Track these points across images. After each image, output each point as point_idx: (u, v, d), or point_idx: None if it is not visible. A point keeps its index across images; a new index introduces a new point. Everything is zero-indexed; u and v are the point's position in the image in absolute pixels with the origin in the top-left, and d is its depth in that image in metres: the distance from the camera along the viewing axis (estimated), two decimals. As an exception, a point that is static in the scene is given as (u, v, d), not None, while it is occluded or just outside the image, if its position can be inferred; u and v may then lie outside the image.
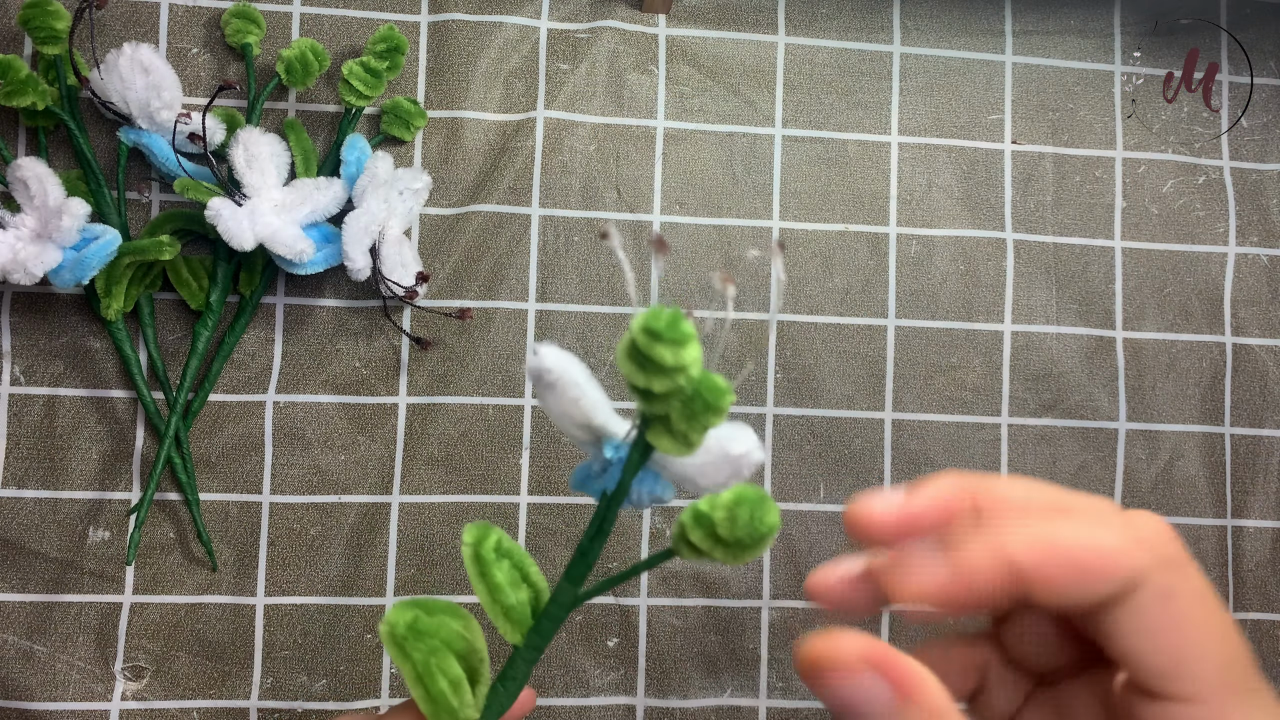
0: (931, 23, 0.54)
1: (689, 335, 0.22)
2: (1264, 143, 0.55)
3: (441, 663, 0.27)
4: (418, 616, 0.26)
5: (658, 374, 0.21)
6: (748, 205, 0.52)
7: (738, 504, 0.22)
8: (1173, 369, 0.53)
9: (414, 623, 0.26)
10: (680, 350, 0.22)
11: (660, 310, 0.21)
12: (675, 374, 0.22)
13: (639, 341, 0.21)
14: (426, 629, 0.27)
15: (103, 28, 0.48)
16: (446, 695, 0.26)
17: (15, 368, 0.47)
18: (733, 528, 0.22)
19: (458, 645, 0.27)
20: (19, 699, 0.45)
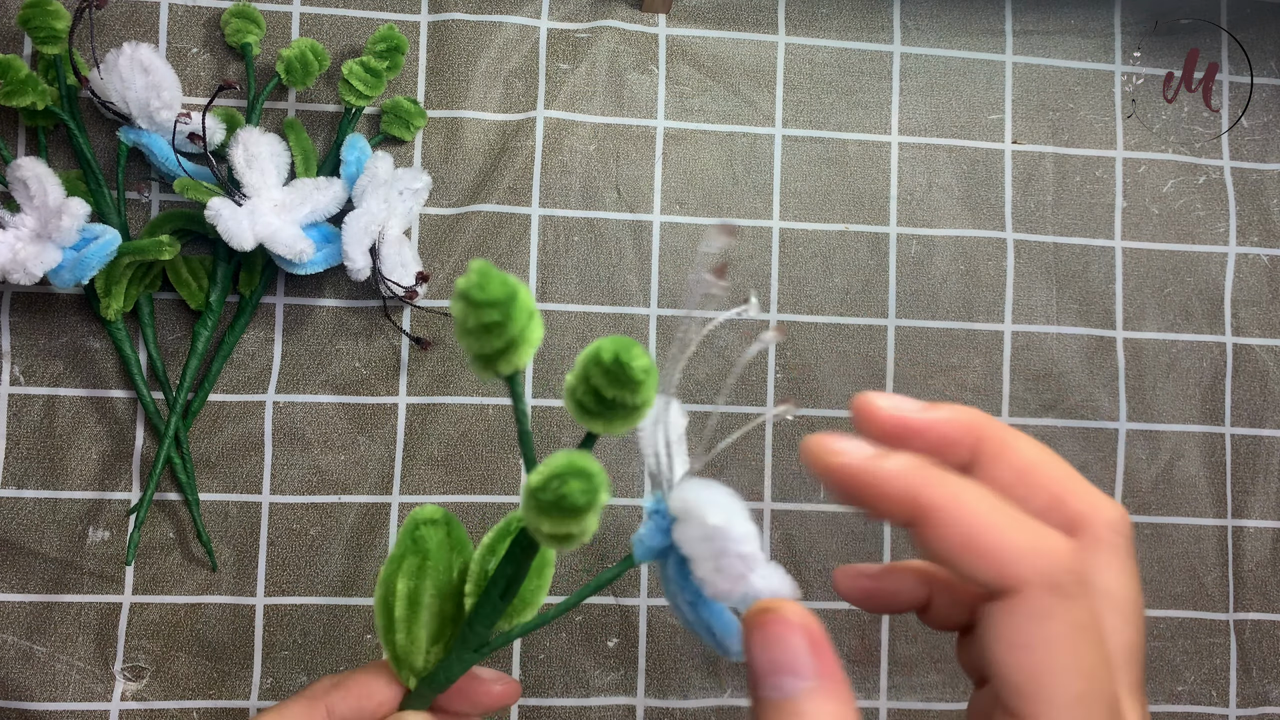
0: (932, 22, 0.54)
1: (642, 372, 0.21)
2: (1264, 142, 0.55)
3: (415, 586, 0.27)
4: (440, 529, 0.27)
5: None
6: (748, 205, 0.52)
7: (551, 473, 0.20)
8: (1173, 369, 0.53)
9: (427, 534, 0.27)
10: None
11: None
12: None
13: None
14: (432, 549, 0.27)
15: (102, 27, 0.48)
16: (401, 621, 0.27)
17: (15, 368, 0.47)
18: (545, 493, 0.20)
19: (444, 584, 0.27)
20: (18, 699, 0.45)
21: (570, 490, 0.20)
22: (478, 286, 0.20)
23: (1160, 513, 0.52)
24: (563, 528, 0.21)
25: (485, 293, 0.20)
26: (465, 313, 0.20)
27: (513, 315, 0.20)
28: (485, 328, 0.20)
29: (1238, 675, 0.52)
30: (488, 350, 0.21)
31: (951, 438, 0.24)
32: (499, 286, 0.20)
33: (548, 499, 0.20)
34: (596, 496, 0.20)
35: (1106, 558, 0.24)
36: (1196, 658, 0.52)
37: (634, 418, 0.22)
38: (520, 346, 0.21)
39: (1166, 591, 0.52)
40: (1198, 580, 0.52)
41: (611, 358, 0.21)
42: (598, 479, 0.20)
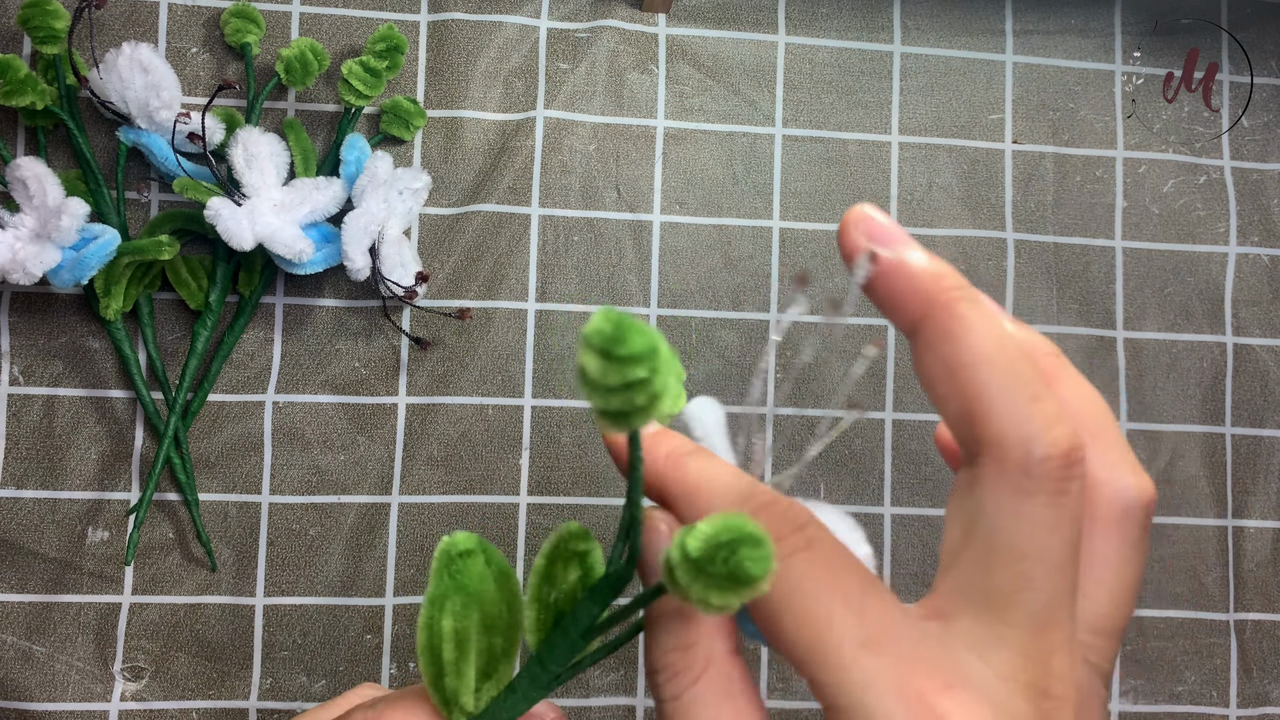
0: (932, 22, 0.54)
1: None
2: (1265, 142, 0.55)
3: (462, 626, 0.25)
4: (478, 560, 0.25)
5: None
6: (748, 205, 0.51)
7: (717, 542, 0.19)
8: (1173, 369, 0.53)
9: (466, 567, 0.25)
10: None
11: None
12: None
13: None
14: (473, 584, 0.25)
15: (102, 27, 0.48)
16: (450, 665, 0.25)
17: (14, 368, 0.47)
18: (710, 564, 0.19)
19: (492, 616, 0.25)
20: (18, 699, 0.45)
21: (742, 560, 0.18)
22: (616, 340, 0.18)
23: (1160, 513, 0.52)
24: (733, 599, 0.19)
25: (627, 347, 0.18)
26: (604, 370, 0.18)
27: (658, 369, 0.18)
28: (629, 385, 0.18)
29: (1238, 675, 0.52)
30: (629, 408, 0.19)
31: (897, 301, 0.22)
32: (640, 339, 0.18)
33: (718, 571, 0.18)
34: (770, 564, 0.18)
35: (1117, 528, 0.22)
36: (1197, 658, 0.52)
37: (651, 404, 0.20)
38: (663, 399, 0.19)
39: (1167, 591, 0.52)
40: (1198, 580, 0.52)
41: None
42: (768, 545, 0.18)
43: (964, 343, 0.20)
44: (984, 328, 0.20)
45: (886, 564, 0.50)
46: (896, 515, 0.51)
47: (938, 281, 0.21)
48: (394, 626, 0.48)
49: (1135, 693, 0.51)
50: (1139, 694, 0.51)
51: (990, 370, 0.20)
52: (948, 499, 0.21)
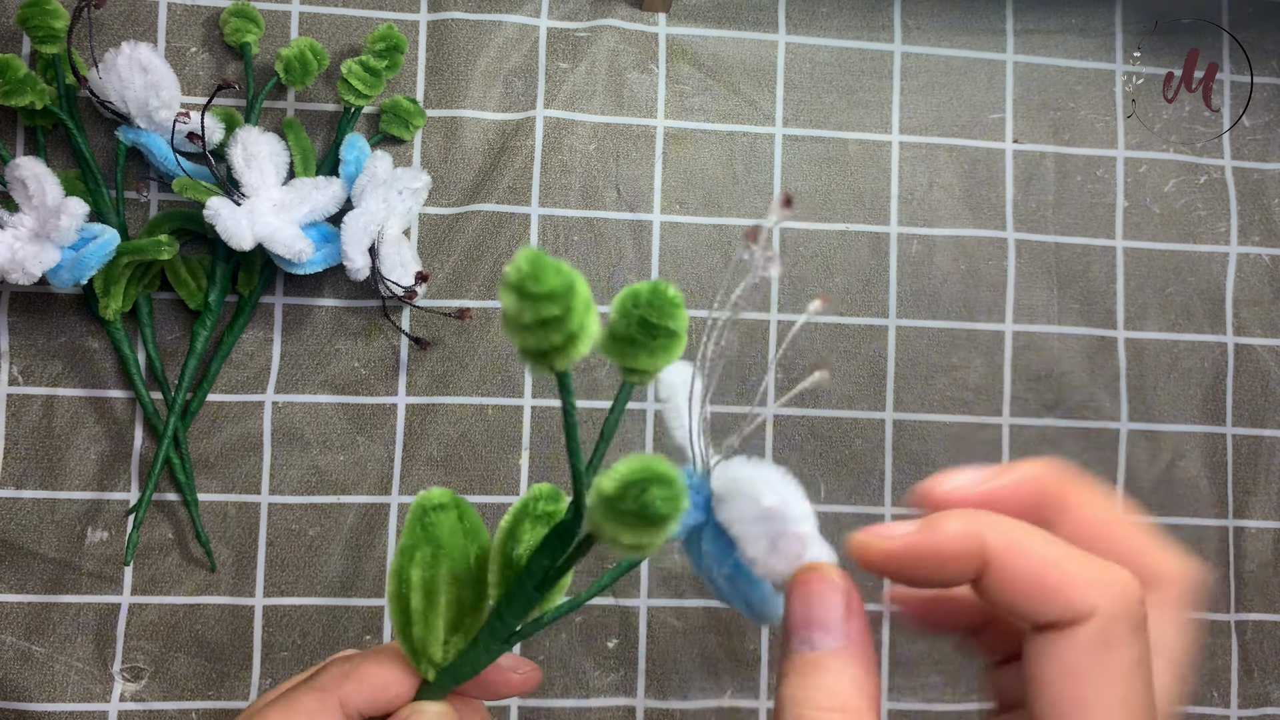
0: (932, 22, 0.53)
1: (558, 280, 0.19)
2: (1265, 142, 0.55)
3: (430, 576, 0.25)
4: (450, 514, 0.25)
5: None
6: (748, 204, 0.51)
7: (628, 481, 0.19)
8: (1174, 369, 0.53)
9: (437, 520, 0.25)
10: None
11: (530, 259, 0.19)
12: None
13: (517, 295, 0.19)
14: (444, 536, 0.25)
15: (101, 27, 0.48)
16: (418, 614, 0.25)
17: (13, 368, 0.47)
18: (621, 501, 0.19)
19: (461, 570, 0.26)
20: (17, 700, 0.45)
21: (651, 499, 0.18)
22: (532, 278, 0.18)
23: (1161, 513, 0.52)
24: (644, 538, 0.19)
25: (541, 284, 0.18)
26: (520, 307, 0.19)
27: (573, 307, 0.19)
28: (543, 323, 0.19)
29: (1239, 676, 0.52)
30: (545, 346, 0.19)
31: (1014, 509, 0.23)
32: (555, 277, 0.18)
33: (628, 508, 0.19)
34: (679, 504, 0.19)
35: (1171, 612, 0.24)
36: (1197, 659, 0.52)
37: (675, 346, 0.21)
38: (580, 340, 0.20)
39: (1168, 592, 0.52)
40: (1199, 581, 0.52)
41: (649, 289, 0.21)
42: (678, 485, 0.19)
43: (1010, 572, 0.22)
44: (1033, 548, 0.22)
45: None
46: (897, 516, 0.51)
47: (964, 543, 0.22)
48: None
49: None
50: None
51: (1031, 561, 0.22)
52: (1024, 665, 0.22)
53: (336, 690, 0.27)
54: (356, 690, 0.27)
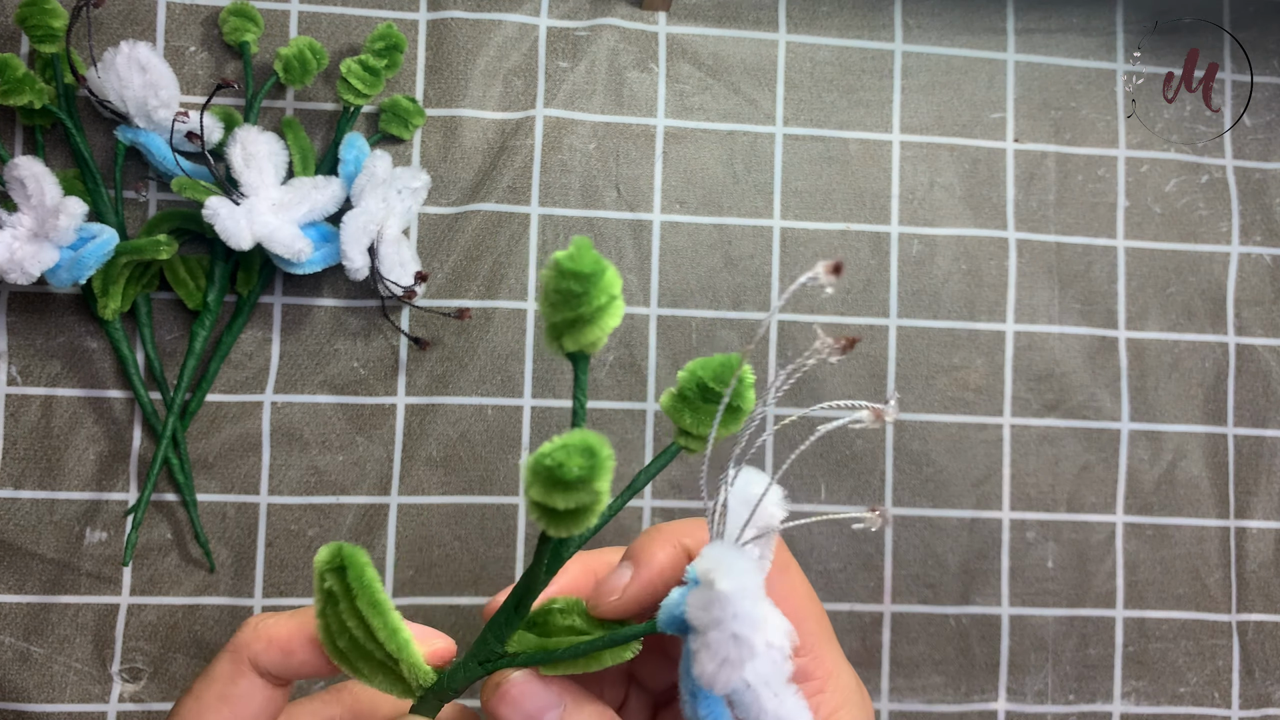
0: (933, 21, 0.53)
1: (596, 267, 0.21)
2: (1267, 142, 0.55)
3: (351, 642, 0.26)
4: (345, 567, 0.26)
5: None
6: (748, 204, 0.51)
7: (559, 444, 0.20)
8: (1176, 369, 0.53)
9: (335, 580, 0.26)
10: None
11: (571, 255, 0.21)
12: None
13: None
14: (348, 585, 0.26)
15: (100, 26, 0.48)
16: (369, 665, 0.26)
17: (12, 368, 0.47)
18: (544, 458, 0.19)
19: (362, 606, 0.26)
20: (15, 700, 0.45)
21: (568, 461, 0.19)
22: (570, 256, 0.20)
23: (1163, 513, 0.52)
24: (549, 498, 0.20)
25: (574, 263, 0.20)
26: (549, 278, 0.21)
27: (591, 290, 0.21)
28: (561, 294, 0.21)
29: (1240, 677, 0.52)
30: (556, 318, 0.21)
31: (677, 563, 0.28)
32: (590, 261, 0.20)
33: (543, 465, 0.19)
34: (593, 474, 0.19)
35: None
36: (1199, 659, 0.52)
37: (731, 422, 0.23)
38: (590, 323, 0.21)
39: (1169, 593, 0.52)
40: (1200, 581, 0.52)
41: (719, 361, 0.23)
42: (601, 458, 0.19)
43: None
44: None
45: (887, 564, 0.50)
46: (897, 515, 0.51)
47: (674, 555, 0.29)
48: (393, 627, 0.48)
49: (1137, 694, 0.51)
50: (1141, 695, 0.51)
51: None
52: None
53: (246, 650, 0.27)
54: (265, 650, 0.27)
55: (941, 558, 0.51)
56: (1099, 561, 0.52)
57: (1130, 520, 0.52)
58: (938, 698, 0.50)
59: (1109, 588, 0.52)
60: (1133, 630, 0.52)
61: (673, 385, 0.25)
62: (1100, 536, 0.52)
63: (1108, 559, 0.52)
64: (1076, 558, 0.51)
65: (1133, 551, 0.52)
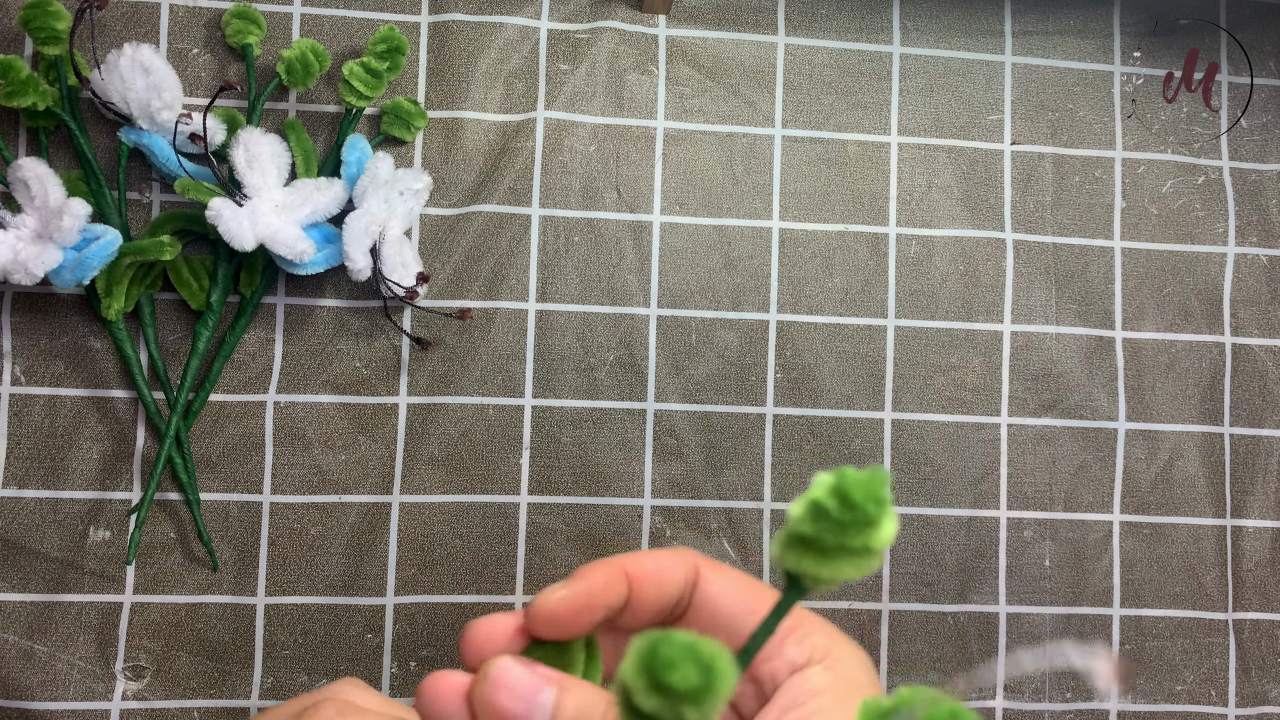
0: (931, 23, 0.54)
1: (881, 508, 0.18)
2: (1264, 143, 0.55)
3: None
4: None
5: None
6: (748, 205, 0.52)
7: (839, 486, 0.17)
8: (1172, 369, 0.53)
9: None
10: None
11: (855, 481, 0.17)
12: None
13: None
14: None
15: (103, 28, 0.48)
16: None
17: (16, 368, 0.47)
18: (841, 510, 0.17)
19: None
20: (19, 699, 0.45)
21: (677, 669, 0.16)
22: (865, 483, 0.17)
23: (1159, 513, 0.53)
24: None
25: (685, 681, 0.15)
26: (829, 503, 0.17)
27: (871, 535, 0.18)
28: (838, 524, 0.18)
29: (1237, 675, 0.52)
30: (818, 543, 0.18)
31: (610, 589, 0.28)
32: (882, 513, 0.17)
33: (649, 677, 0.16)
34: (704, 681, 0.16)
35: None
36: (1195, 657, 0.52)
37: (867, 562, 0.19)
38: (845, 560, 0.18)
39: (1165, 591, 0.52)
40: (1197, 580, 0.52)
41: (862, 488, 0.18)
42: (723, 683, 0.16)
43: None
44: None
45: (886, 563, 0.51)
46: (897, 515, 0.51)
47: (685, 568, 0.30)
48: (395, 626, 0.48)
49: (1134, 692, 0.51)
50: (1138, 693, 0.52)
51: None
52: None
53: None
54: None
55: (939, 556, 0.51)
56: (1096, 560, 0.52)
57: (1127, 519, 0.52)
58: (936, 695, 0.50)
59: (1106, 586, 0.52)
60: (1130, 628, 0.52)
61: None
62: (1097, 535, 0.52)
63: (1105, 558, 0.52)
64: (1073, 556, 0.52)
65: (1129, 550, 0.52)
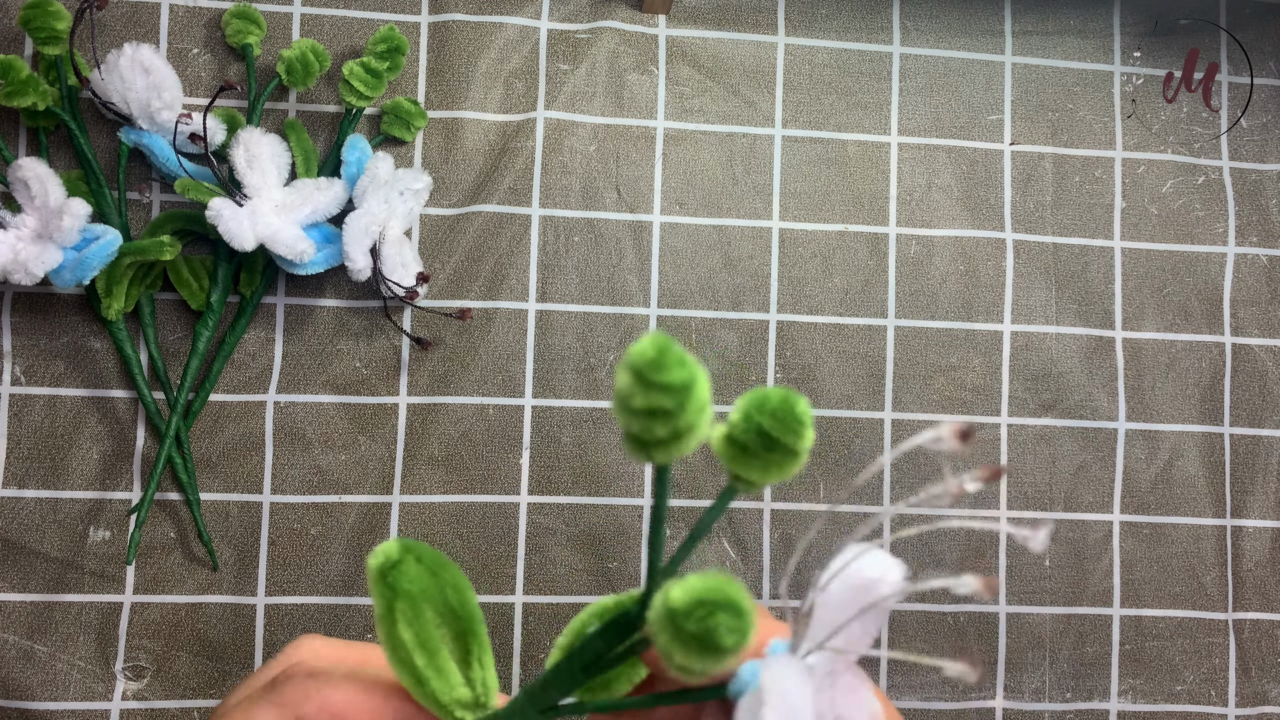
0: (931, 23, 0.54)
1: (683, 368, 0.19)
2: (1263, 143, 0.55)
3: (419, 629, 0.24)
4: (408, 562, 0.24)
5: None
6: (748, 205, 0.52)
7: (698, 599, 0.18)
8: (1172, 369, 0.53)
9: (397, 576, 0.24)
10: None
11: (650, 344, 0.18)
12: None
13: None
14: (412, 586, 0.24)
15: (103, 28, 0.48)
16: (427, 669, 0.25)
17: (16, 368, 0.47)
18: (686, 619, 0.18)
19: (443, 606, 0.25)
20: (20, 699, 0.45)
21: (716, 624, 0.17)
22: (654, 365, 0.18)
23: (1159, 512, 0.53)
24: (697, 663, 0.18)
25: (661, 374, 0.17)
26: (632, 390, 0.18)
27: (686, 406, 0.18)
28: (652, 413, 0.18)
29: (1236, 675, 0.52)
30: (648, 437, 0.19)
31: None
32: (678, 370, 0.18)
33: (690, 628, 0.17)
34: (746, 639, 0.17)
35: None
36: (1195, 657, 0.52)
37: (790, 465, 0.20)
38: (685, 440, 0.19)
39: (1166, 591, 0.52)
40: (1197, 580, 0.52)
41: (780, 399, 0.20)
42: (749, 618, 0.17)
43: None
44: None
45: (886, 563, 0.51)
46: (895, 516, 0.51)
47: None
48: (395, 626, 0.48)
49: (1134, 692, 0.51)
50: (1138, 693, 0.52)
51: None
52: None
53: (296, 709, 0.26)
54: (317, 715, 0.26)
55: (939, 556, 0.51)
56: (1096, 560, 0.52)
57: (1127, 519, 0.52)
58: (935, 695, 0.50)
59: (1106, 586, 0.52)
60: (1129, 628, 0.52)
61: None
62: (1097, 535, 0.52)
63: (1105, 557, 0.52)
64: (1074, 556, 0.52)
65: (1129, 550, 0.52)
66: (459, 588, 0.26)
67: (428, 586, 0.25)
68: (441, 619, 0.26)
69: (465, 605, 0.26)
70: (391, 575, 0.24)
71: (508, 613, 0.49)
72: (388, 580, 0.24)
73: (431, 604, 0.25)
